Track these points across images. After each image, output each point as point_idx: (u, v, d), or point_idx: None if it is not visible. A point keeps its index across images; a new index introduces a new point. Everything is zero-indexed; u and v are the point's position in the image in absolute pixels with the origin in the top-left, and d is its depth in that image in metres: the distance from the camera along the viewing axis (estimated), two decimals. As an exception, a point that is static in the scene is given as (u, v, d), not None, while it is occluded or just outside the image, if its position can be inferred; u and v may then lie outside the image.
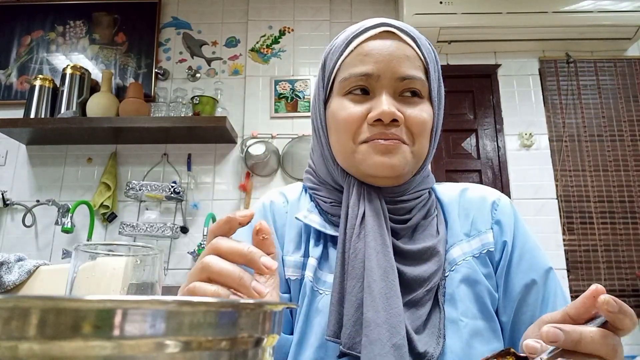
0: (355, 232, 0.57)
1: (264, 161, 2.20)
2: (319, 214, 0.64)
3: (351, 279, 0.54)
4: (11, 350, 0.17)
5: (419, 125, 0.58)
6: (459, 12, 2.20)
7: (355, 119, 0.58)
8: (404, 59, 0.58)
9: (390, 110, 0.55)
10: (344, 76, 0.59)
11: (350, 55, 0.60)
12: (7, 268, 1.13)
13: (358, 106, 0.58)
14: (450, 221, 0.64)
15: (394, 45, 0.58)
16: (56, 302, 0.17)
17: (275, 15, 2.47)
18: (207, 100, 2.22)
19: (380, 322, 0.50)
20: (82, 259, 0.40)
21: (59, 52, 2.48)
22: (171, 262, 2.17)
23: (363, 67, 0.58)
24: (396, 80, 0.57)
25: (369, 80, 0.58)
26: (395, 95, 0.58)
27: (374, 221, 0.57)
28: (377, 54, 0.58)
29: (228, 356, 0.22)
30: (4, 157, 2.34)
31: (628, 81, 2.37)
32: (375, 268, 0.53)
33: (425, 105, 0.60)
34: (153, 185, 2.15)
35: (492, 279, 0.61)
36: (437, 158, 2.34)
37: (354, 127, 0.58)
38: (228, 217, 0.41)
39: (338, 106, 0.60)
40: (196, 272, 0.39)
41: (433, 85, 0.61)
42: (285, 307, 0.26)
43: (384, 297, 0.52)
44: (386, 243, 0.56)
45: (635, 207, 2.21)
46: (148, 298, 0.20)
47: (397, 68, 0.57)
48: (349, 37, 0.61)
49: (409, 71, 0.58)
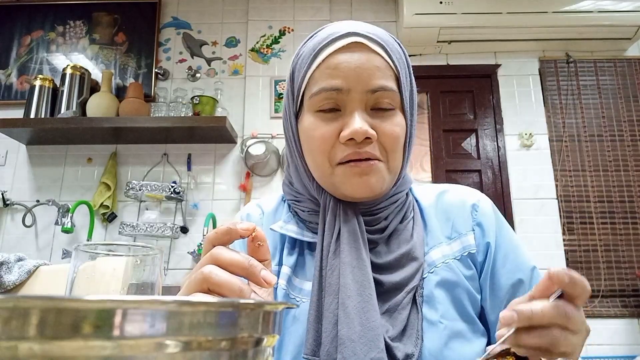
0: (331, 250, 0.57)
1: (264, 161, 2.20)
2: (297, 223, 0.65)
3: (328, 295, 0.55)
4: (11, 350, 0.17)
5: (392, 141, 0.58)
6: (459, 12, 2.20)
7: (328, 139, 0.57)
8: (374, 71, 0.57)
9: (362, 130, 0.55)
10: (314, 91, 0.58)
11: (319, 69, 0.58)
12: (7, 268, 1.13)
13: (330, 125, 0.58)
14: (430, 224, 0.64)
15: (363, 57, 0.57)
16: (56, 302, 0.17)
17: (275, 15, 2.47)
18: (207, 100, 2.22)
19: (356, 337, 0.50)
20: (82, 259, 0.40)
21: (59, 52, 2.48)
22: (171, 262, 2.17)
23: (332, 81, 0.57)
24: (367, 93, 0.57)
25: (339, 94, 0.57)
26: (367, 108, 0.58)
27: (349, 237, 0.57)
28: (346, 68, 0.57)
29: (228, 356, 0.22)
30: (4, 157, 2.34)
31: (628, 81, 2.37)
32: (350, 283, 0.54)
33: (397, 117, 0.59)
34: (153, 185, 2.15)
35: (474, 281, 0.61)
36: (437, 158, 2.35)
37: (327, 148, 0.58)
38: (228, 227, 0.41)
39: (310, 125, 0.59)
40: (196, 282, 0.38)
41: (405, 95, 0.60)
42: (285, 307, 0.26)
43: (360, 312, 0.52)
44: (362, 257, 0.56)
45: (635, 207, 2.21)
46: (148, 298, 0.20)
47: (368, 81, 0.56)
48: (316, 47, 0.59)
49: (380, 82, 0.57)
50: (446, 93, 2.43)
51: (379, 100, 0.57)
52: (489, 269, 0.62)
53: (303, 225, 0.65)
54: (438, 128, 2.39)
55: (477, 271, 0.62)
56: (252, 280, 0.39)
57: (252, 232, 0.41)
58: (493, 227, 0.64)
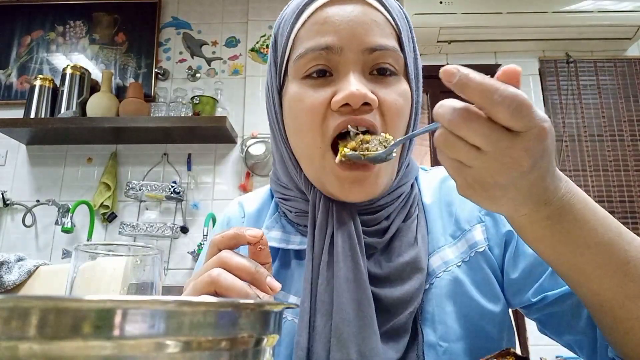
0: (323, 259, 0.49)
1: (264, 161, 2.20)
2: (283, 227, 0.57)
3: (320, 315, 0.47)
4: (11, 350, 0.17)
5: (395, 111, 0.48)
6: (459, 12, 2.20)
7: (318, 109, 0.47)
8: (371, 25, 0.47)
9: (360, 92, 0.44)
10: (299, 52, 0.48)
11: (305, 26, 0.48)
12: (7, 268, 1.13)
13: (319, 92, 0.47)
14: (431, 223, 0.55)
15: (357, 9, 0.47)
16: (56, 302, 0.17)
17: (275, 15, 2.44)
18: (207, 100, 2.22)
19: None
20: (82, 259, 0.39)
21: (59, 52, 2.48)
22: (171, 262, 2.17)
23: (321, 38, 0.46)
24: (364, 52, 0.47)
25: (329, 54, 0.47)
26: (365, 72, 0.48)
27: (345, 244, 0.49)
28: (338, 21, 0.46)
29: (228, 356, 0.22)
30: (4, 157, 2.34)
31: (628, 81, 2.37)
32: (346, 303, 0.46)
33: (401, 84, 0.49)
34: (153, 185, 2.15)
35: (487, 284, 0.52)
36: (437, 158, 2.34)
37: (318, 120, 0.47)
38: (235, 233, 0.41)
39: (295, 94, 0.49)
40: (204, 283, 0.37)
41: (409, 58, 0.50)
42: (285, 307, 0.26)
43: (357, 336, 0.45)
44: (359, 268, 0.48)
45: (635, 207, 2.21)
46: (148, 298, 0.20)
47: (364, 37, 0.46)
48: (301, 3, 0.49)
49: (379, 40, 0.47)
50: (446, 93, 2.39)
51: (378, 62, 0.48)
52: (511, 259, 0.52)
53: (291, 228, 0.57)
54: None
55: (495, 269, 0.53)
56: (257, 287, 0.38)
57: (259, 239, 0.41)
58: None
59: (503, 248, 0.53)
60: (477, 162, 0.32)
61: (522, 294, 0.52)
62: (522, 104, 0.30)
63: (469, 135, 0.31)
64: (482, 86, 0.30)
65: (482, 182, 0.33)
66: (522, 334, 1.91)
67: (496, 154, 0.31)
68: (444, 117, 0.32)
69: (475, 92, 0.30)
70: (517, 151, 0.31)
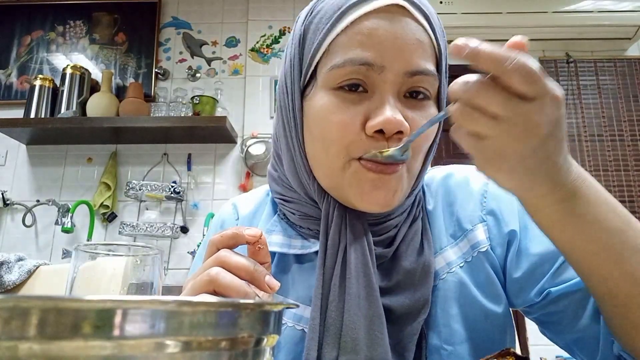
0: (335, 273, 0.47)
1: (264, 161, 2.20)
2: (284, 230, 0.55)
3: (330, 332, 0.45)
4: (11, 350, 0.17)
5: (423, 140, 0.47)
6: (459, 12, 2.20)
7: (349, 127, 0.45)
8: (416, 47, 0.45)
9: (396, 120, 0.43)
10: (336, 62, 0.45)
11: (346, 33, 0.45)
12: (7, 268, 1.13)
13: (352, 108, 0.45)
14: (432, 222, 0.55)
15: (406, 25, 0.44)
16: (56, 302, 0.17)
17: (275, 15, 2.47)
18: (207, 100, 2.22)
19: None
20: (82, 259, 0.40)
21: (59, 52, 2.48)
22: (171, 262, 2.17)
23: (363, 52, 0.44)
24: (404, 75, 0.44)
25: (369, 71, 0.44)
26: (400, 94, 0.46)
27: (357, 259, 0.47)
28: (384, 36, 0.44)
29: (228, 356, 0.22)
30: (4, 157, 2.34)
31: (628, 81, 2.37)
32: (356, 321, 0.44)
33: (431, 109, 0.48)
34: (153, 185, 2.15)
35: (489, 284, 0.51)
36: (437, 158, 2.35)
37: (347, 139, 0.45)
38: (234, 232, 0.41)
39: (324, 106, 0.46)
40: (203, 283, 0.38)
41: (444, 82, 0.49)
42: (285, 307, 0.26)
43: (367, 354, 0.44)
44: (371, 284, 0.46)
45: (635, 207, 2.21)
46: (148, 298, 0.20)
47: (408, 59, 0.44)
48: (343, 4, 0.45)
49: (423, 64, 0.45)
50: (446, 93, 2.43)
51: (415, 86, 0.46)
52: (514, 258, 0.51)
53: (292, 231, 0.55)
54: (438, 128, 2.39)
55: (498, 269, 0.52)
56: (256, 285, 0.39)
57: (258, 238, 0.41)
58: (512, 209, 0.53)
59: (506, 247, 0.52)
60: (495, 131, 0.32)
61: (525, 294, 0.51)
62: (534, 70, 0.31)
63: (486, 102, 0.31)
64: (494, 54, 0.30)
65: (501, 153, 0.33)
66: (522, 333, 1.91)
67: (514, 120, 0.31)
68: (459, 91, 0.32)
69: (488, 60, 0.31)
70: (534, 115, 0.31)
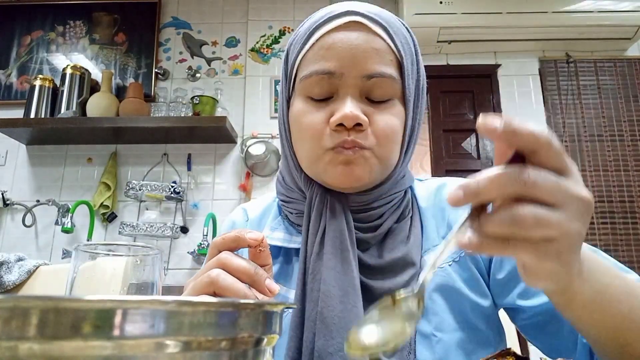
0: (314, 250, 0.53)
1: (264, 161, 2.20)
2: (286, 228, 0.61)
3: (309, 301, 0.51)
4: (11, 350, 0.17)
5: (385, 132, 0.53)
6: (459, 12, 2.20)
7: (317, 126, 0.53)
8: (371, 54, 0.51)
9: (352, 114, 0.50)
10: (305, 73, 0.54)
11: (312, 49, 0.54)
12: (7, 268, 1.13)
13: (320, 111, 0.53)
14: (426, 224, 0.59)
15: (361, 37, 0.52)
16: (56, 302, 0.17)
17: (275, 15, 2.47)
18: (207, 100, 2.22)
19: (333, 350, 0.47)
20: (82, 259, 0.40)
21: (59, 52, 2.48)
22: (171, 262, 2.17)
23: (325, 63, 0.52)
24: (362, 78, 0.51)
25: (331, 79, 0.52)
26: (362, 96, 0.53)
27: (335, 237, 0.53)
28: (341, 48, 0.52)
29: (228, 356, 0.22)
30: (4, 157, 2.34)
31: (628, 81, 2.37)
32: (332, 290, 0.50)
33: (395, 107, 0.54)
34: (153, 185, 2.15)
35: (475, 282, 0.55)
36: (437, 158, 2.35)
37: (316, 135, 0.53)
38: (236, 235, 0.41)
39: (299, 110, 0.55)
40: (203, 284, 0.38)
41: (408, 83, 0.54)
42: (285, 307, 0.26)
43: (340, 321, 0.48)
44: (348, 260, 0.51)
45: (635, 207, 2.21)
46: (148, 298, 0.20)
47: (363, 64, 0.51)
48: (312, 26, 0.55)
49: (377, 68, 0.52)
50: (446, 93, 2.43)
51: (374, 89, 0.52)
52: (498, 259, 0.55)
53: (293, 230, 0.61)
54: (438, 128, 2.39)
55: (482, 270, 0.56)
56: (256, 288, 0.39)
57: (260, 242, 0.41)
58: None
59: None
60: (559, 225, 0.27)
61: (507, 294, 0.55)
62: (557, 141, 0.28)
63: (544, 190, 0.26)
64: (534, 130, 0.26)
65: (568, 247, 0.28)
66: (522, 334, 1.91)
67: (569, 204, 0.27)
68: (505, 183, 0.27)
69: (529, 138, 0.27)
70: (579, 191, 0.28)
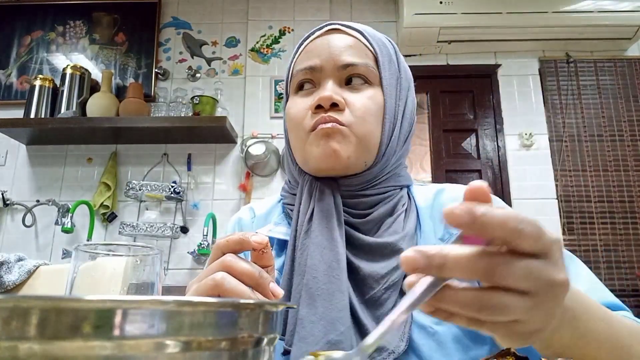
0: (303, 229, 0.57)
1: (264, 161, 2.20)
2: (288, 225, 0.65)
3: (296, 275, 0.55)
4: (11, 350, 0.17)
5: (361, 111, 0.58)
6: (459, 12, 2.20)
7: (301, 112, 0.60)
8: (346, 49, 0.60)
9: (328, 95, 0.56)
10: (293, 73, 0.63)
11: (300, 55, 0.63)
12: (7, 268, 1.13)
13: (304, 100, 0.61)
14: (424, 224, 0.63)
15: (336, 37, 0.61)
16: (56, 302, 0.17)
17: (275, 15, 2.47)
18: (207, 100, 2.22)
19: (315, 319, 0.50)
20: (82, 259, 0.40)
21: (59, 52, 2.48)
22: (171, 262, 2.17)
23: (307, 61, 0.61)
24: (339, 68, 0.59)
25: (313, 73, 0.60)
26: (341, 84, 0.60)
27: (322, 216, 0.57)
28: (320, 48, 0.61)
29: (228, 356, 0.22)
30: (4, 157, 2.34)
31: (628, 81, 2.37)
32: (317, 264, 0.53)
33: (372, 90, 0.60)
34: (153, 185, 2.15)
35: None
36: (437, 158, 2.35)
37: (300, 120, 0.60)
38: (241, 238, 0.41)
39: (289, 104, 0.63)
40: (208, 287, 0.38)
41: (384, 73, 0.61)
42: (285, 307, 0.26)
43: (324, 293, 0.51)
44: (334, 237, 0.55)
45: (635, 207, 2.21)
46: (148, 298, 0.20)
47: (339, 57, 0.59)
48: (301, 40, 0.65)
49: (351, 58, 0.59)
50: (446, 93, 2.43)
51: (351, 75, 0.60)
52: None
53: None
54: (438, 128, 2.39)
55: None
56: (260, 292, 0.39)
57: (264, 246, 0.41)
58: None
59: None
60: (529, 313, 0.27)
61: None
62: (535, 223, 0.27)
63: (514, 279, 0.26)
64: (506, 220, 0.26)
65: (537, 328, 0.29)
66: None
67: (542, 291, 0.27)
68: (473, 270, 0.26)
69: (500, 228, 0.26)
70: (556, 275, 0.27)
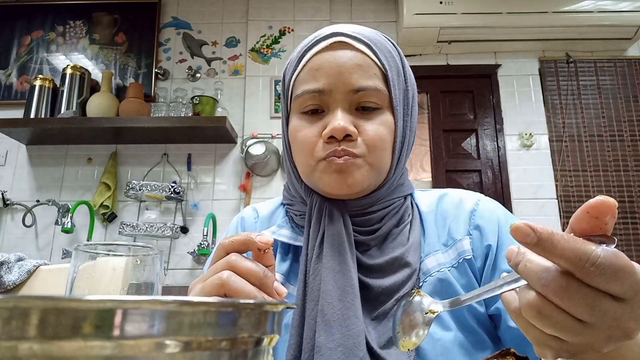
0: (315, 253, 0.56)
1: (264, 161, 2.20)
2: (291, 228, 0.65)
3: (309, 301, 0.54)
4: (11, 350, 0.17)
5: (374, 140, 0.56)
6: (459, 12, 2.20)
7: (311, 139, 0.57)
8: (355, 70, 0.56)
9: (341, 126, 0.54)
10: (297, 93, 0.59)
11: (303, 71, 0.59)
12: (7, 268, 1.13)
13: (313, 126, 0.58)
14: (428, 231, 0.62)
15: (345, 55, 0.57)
16: (56, 302, 0.17)
17: (275, 15, 2.47)
18: (207, 100, 2.22)
19: (333, 346, 0.49)
20: (82, 259, 0.40)
21: (59, 52, 2.48)
22: (171, 262, 2.17)
23: (315, 83, 0.57)
24: (349, 93, 0.56)
25: (321, 96, 0.57)
26: (351, 108, 0.57)
27: (333, 240, 0.56)
28: (328, 68, 0.57)
29: (228, 356, 0.22)
30: (4, 157, 2.34)
31: (628, 81, 2.37)
32: (331, 290, 0.53)
33: (384, 116, 0.58)
34: (153, 185, 2.15)
35: (472, 288, 0.57)
36: (437, 158, 2.35)
37: (310, 147, 0.57)
38: (246, 238, 0.41)
39: (295, 126, 0.60)
40: (214, 286, 0.39)
41: (395, 93, 0.58)
42: (285, 307, 0.26)
43: (340, 319, 0.51)
44: (346, 261, 0.55)
45: (635, 207, 2.21)
46: (148, 298, 0.19)
47: (349, 80, 0.56)
48: (302, 49, 0.60)
49: (362, 82, 0.56)
50: (446, 93, 2.43)
51: (362, 100, 0.57)
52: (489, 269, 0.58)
53: (298, 230, 0.65)
54: (438, 128, 2.39)
55: (477, 278, 0.59)
56: (264, 291, 0.40)
57: (269, 246, 0.41)
58: (494, 227, 0.60)
59: (484, 259, 0.59)
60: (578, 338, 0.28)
61: (495, 300, 0.57)
62: (622, 266, 0.26)
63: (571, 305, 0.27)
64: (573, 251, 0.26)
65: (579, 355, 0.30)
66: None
67: (603, 327, 0.27)
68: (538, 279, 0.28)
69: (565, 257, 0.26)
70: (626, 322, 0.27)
